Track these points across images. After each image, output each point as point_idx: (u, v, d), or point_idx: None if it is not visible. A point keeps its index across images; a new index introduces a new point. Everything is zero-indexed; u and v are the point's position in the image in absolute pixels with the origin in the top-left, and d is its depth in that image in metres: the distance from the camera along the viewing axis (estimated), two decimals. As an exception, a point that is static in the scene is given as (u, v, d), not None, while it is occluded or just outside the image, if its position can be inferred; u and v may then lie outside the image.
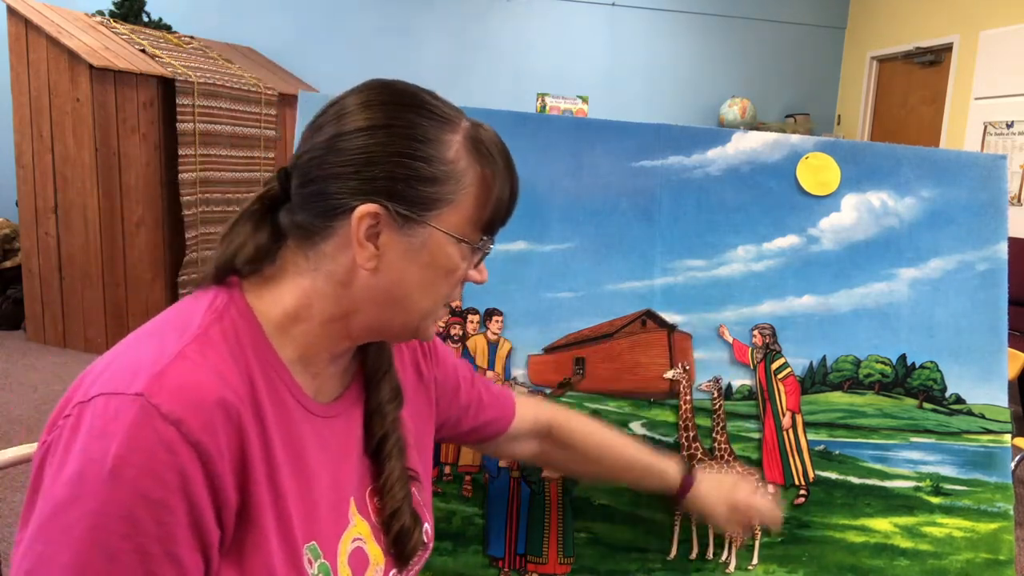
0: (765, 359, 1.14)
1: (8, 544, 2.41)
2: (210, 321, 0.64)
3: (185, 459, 0.55)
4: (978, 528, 1.14)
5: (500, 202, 0.70)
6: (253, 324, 0.66)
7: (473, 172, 0.68)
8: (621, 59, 6.57)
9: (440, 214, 0.67)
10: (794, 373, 1.14)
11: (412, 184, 0.65)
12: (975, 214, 1.18)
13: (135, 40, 4.60)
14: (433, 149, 0.66)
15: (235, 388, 0.61)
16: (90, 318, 4.32)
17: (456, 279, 0.71)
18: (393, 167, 0.65)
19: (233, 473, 0.59)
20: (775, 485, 1.13)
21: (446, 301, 0.72)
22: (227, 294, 0.67)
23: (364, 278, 0.67)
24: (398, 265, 0.67)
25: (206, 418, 0.57)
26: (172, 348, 0.60)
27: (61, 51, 4.08)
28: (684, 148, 1.17)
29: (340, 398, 0.75)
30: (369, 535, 0.74)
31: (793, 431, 1.13)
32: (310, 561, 0.66)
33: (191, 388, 0.57)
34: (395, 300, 0.68)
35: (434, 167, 0.66)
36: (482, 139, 0.69)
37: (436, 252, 0.67)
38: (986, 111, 5.21)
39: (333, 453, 0.72)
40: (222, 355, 0.62)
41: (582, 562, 1.11)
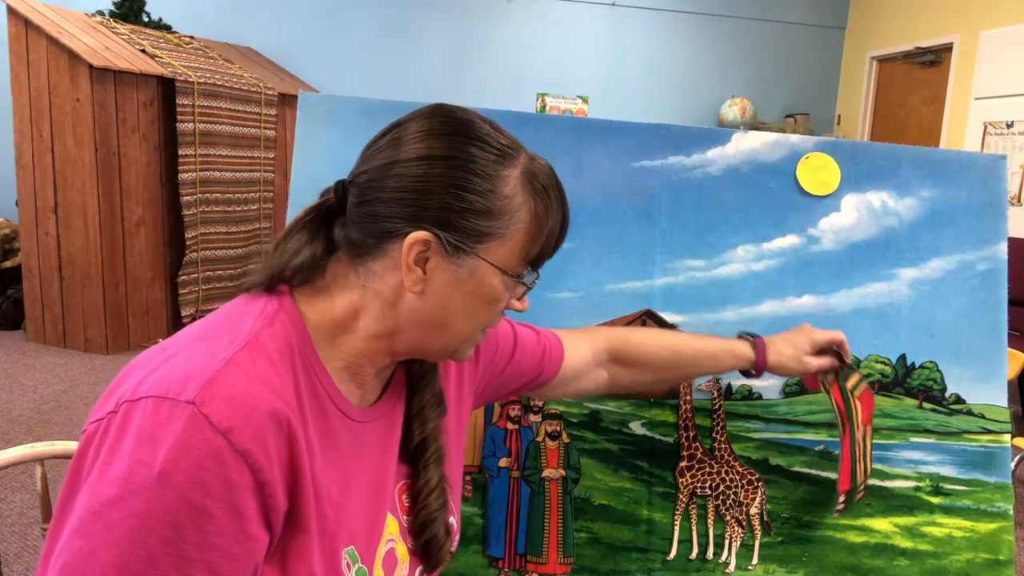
0: (837, 378, 1.09)
1: (8, 544, 2.41)
2: (260, 327, 0.65)
3: (232, 469, 0.56)
4: (978, 528, 1.14)
5: (550, 238, 0.72)
6: (302, 332, 0.67)
7: (527, 208, 0.69)
8: (621, 59, 6.57)
9: (490, 246, 0.68)
10: (868, 385, 1.12)
11: (465, 216, 0.67)
12: (975, 214, 1.18)
13: (135, 40, 4.60)
14: (489, 184, 0.67)
15: (284, 396, 0.62)
16: (90, 318, 4.32)
17: (498, 308, 0.73)
18: (449, 198, 0.66)
19: (283, 479, 0.60)
20: (845, 493, 1.11)
21: (485, 327, 0.74)
22: (277, 301, 0.68)
23: (410, 300, 0.69)
24: (443, 291, 0.68)
25: (256, 428, 0.58)
26: (223, 355, 0.60)
27: (61, 51, 4.08)
28: (684, 148, 1.17)
29: (378, 402, 0.76)
30: (398, 534, 0.75)
31: (863, 441, 1.11)
32: (348, 565, 0.67)
33: (241, 398, 0.58)
34: (437, 324, 0.70)
35: (488, 201, 0.67)
36: (537, 174, 0.71)
37: (481, 282, 0.69)
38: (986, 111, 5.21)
39: (372, 457, 0.73)
40: (272, 363, 0.63)
41: (582, 562, 1.12)
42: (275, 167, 5.20)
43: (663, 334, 1.06)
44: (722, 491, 1.13)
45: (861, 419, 1.11)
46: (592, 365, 1.01)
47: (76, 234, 4.25)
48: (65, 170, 4.21)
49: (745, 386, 1.15)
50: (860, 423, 1.11)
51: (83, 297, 4.30)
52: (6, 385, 3.77)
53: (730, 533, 1.13)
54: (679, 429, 1.14)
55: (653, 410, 1.15)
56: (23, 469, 2.76)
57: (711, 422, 1.14)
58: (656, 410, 1.15)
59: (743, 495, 1.13)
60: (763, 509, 1.13)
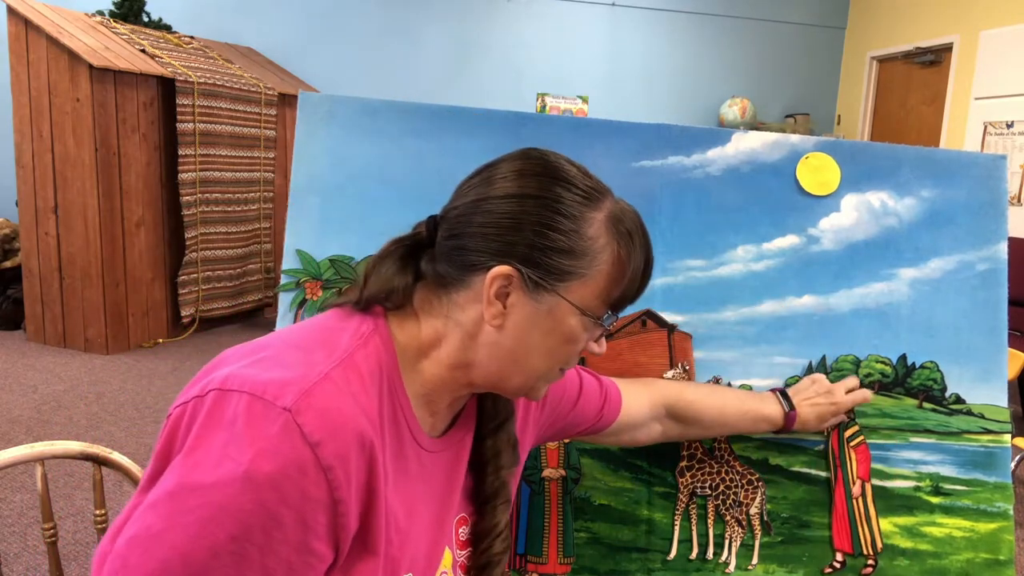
0: (839, 425, 1.14)
1: (8, 544, 2.41)
2: (356, 347, 0.66)
3: (312, 481, 0.57)
4: (978, 528, 1.14)
5: (632, 282, 0.72)
6: (392, 355, 0.69)
7: (610, 251, 0.70)
8: (621, 59, 6.57)
9: (570, 286, 0.69)
10: (867, 441, 1.14)
11: (548, 254, 0.68)
12: (975, 214, 1.18)
13: (135, 40, 4.60)
14: (574, 224, 0.69)
15: (371, 419, 0.63)
16: (90, 318, 4.32)
17: (575, 348, 0.73)
18: (533, 236, 0.68)
19: (358, 501, 0.61)
20: (843, 553, 1.13)
21: (562, 367, 0.74)
22: (373, 322, 0.70)
23: (489, 333, 0.70)
24: (522, 326, 0.69)
25: (342, 446, 0.59)
26: (320, 368, 0.61)
27: (61, 51, 4.08)
28: (684, 148, 1.17)
29: (447, 434, 0.77)
30: (451, 567, 0.76)
31: (862, 499, 1.13)
32: None
33: (333, 414, 0.59)
34: (514, 359, 0.71)
35: (572, 241, 0.68)
36: (623, 219, 0.71)
37: (560, 320, 0.70)
38: (986, 111, 5.21)
39: (436, 487, 0.74)
40: (363, 383, 0.64)
41: (582, 562, 1.12)
42: (275, 167, 5.20)
43: (713, 392, 1.09)
44: (722, 491, 1.13)
45: (857, 472, 1.13)
46: (649, 418, 1.04)
47: (76, 234, 4.25)
48: (65, 170, 4.21)
49: (745, 386, 1.15)
50: (855, 476, 1.13)
51: (83, 297, 4.30)
52: (6, 385, 3.77)
53: (730, 533, 1.13)
54: (679, 429, 1.14)
55: (653, 410, 1.15)
56: (23, 469, 2.76)
57: (711, 422, 1.14)
58: (656, 410, 1.15)
59: (743, 495, 1.13)
60: (763, 509, 1.13)
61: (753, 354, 1.15)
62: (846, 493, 1.13)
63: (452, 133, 1.13)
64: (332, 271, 1.11)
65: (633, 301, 0.75)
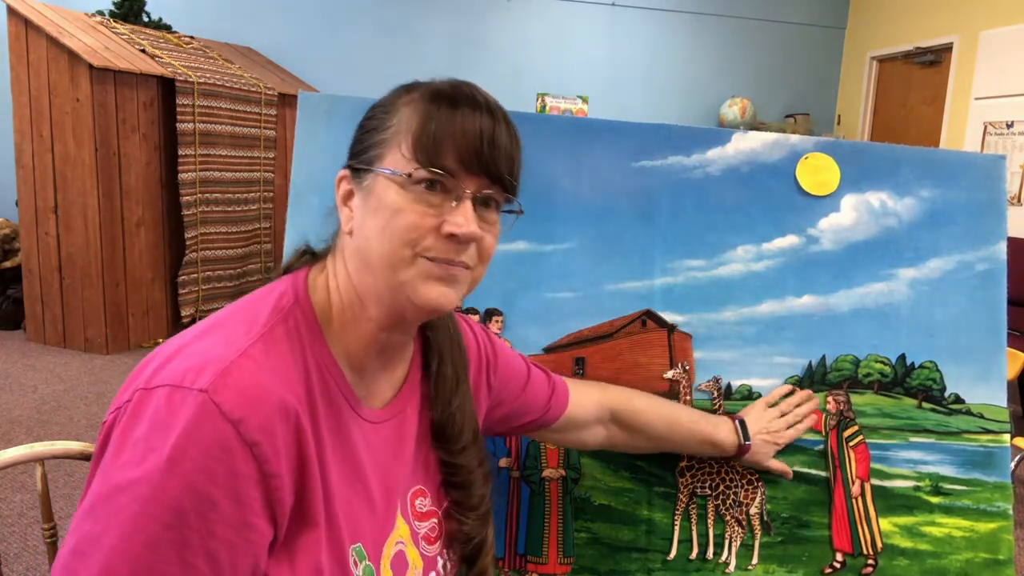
0: (838, 426, 1.14)
1: (8, 544, 2.41)
2: (276, 321, 0.65)
3: (240, 459, 0.57)
4: (977, 528, 1.14)
5: (430, 127, 0.66)
6: (313, 323, 0.68)
7: (407, 112, 0.68)
8: (621, 59, 6.57)
9: (382, 158, 0.68)
10: (866, 441, 1.14)
11: (361, 139, 0.70)
12: (974, 214, 1.18)
13: (135, 40, 4.60)
14: (383, 105, 0.70)
15: (295, 391, 0.62)
16: (90, 318, 4.32)
17: (410, 222, 0.65)
18: (358, 131, 0.72)
19: (291, 473, 0.61)
20: (843, 553, 1.13)
21: (411, 248, 0.66)
22: (293, 293, 0.69)
23: (349, 245, 0.69)
24: (361, 220, 0.68)
25: (265, 419, 0.58)
26: (238, 346, 0.61)
27: (61, 51, 4.08)
28: (684, 148, 1.17)
29: (390, 404, 0.76)
30: (408, 538, 0.75)
31: (862, 499, 1.13)
32: (355, 562, 0.67)
33: (253, 389, 0.59)
34: (365, 256, 0.67)
35: (377, 119, 0.70)
36: (429, 87, 0.70)
37: (381, 195, 0.67)
38: (986, 111, 5.21)
39: (382, 457, 0.73)
40: (284, 356, 0.63)
41: (582, 562, 1.12)
42: (275, 167, 5.20)
43: (663, 405, 1.08)
44: (722, 491, 1.13)
45: (855, 472, 1.13)
46: (595, 420, 1.03)
47: (76, 234, 4.25)
48: (65, 170, 4.21)
49: (745, 386, 1.15)
50: (855, 476, 1.13)
51: (83, 297, 4.30)
52: (6, 385, 3.77)
53: (730, 533, 1.13)
54: (679, 429, 1.14)
55: (653, 410, 1.15)
56: (23, 469, 2.76)
57: (711, 422, 1.14)
58: (656, 410, 1.15)
59: (743, 495, 1.13)
60: (763, 509, 1.13)
61: (753, 354, 1.15)
62: (846, 493, 1.13)
63: (452, 133, 1.13)
64: None
65: (474, 168, 0.67)
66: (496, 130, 0.68)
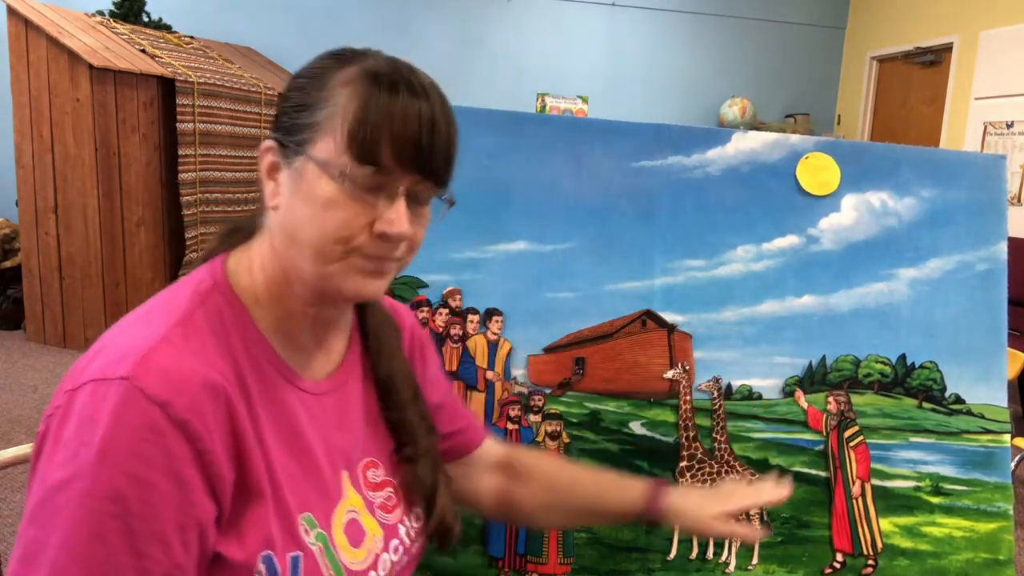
0: (839, 426, 1.14)
1: (8, 545, 2.41)
2: (195, 305, 0.65)
3: (171, 439, 0.57)
4: (978, 528, 1.14)
5: (368, 120, 0.63)
6: (235, 303, 0.68)
7: (346, 93, 0.64)
8: (621, 59, 6.56)
9: (315, 143, 0.64)
10: (866, 441, 1.14)
11: (290, 114, 0.66)
12: (975, 214, 1.18)
13: (135, 40, 4.60)
14: (315, 81, 0.66)
15: (220, 369, 0.62)
16: (90, 318, 4.32)
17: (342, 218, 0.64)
18: (286, 103, 0.67)
19: (226, 449, 0.60)
20: (843, 553, 1.13)
21: (343, 244, 0.65)
22: (211, 277, 0.69)
23: (275, 220, 0.68)
24: (288, 201, 0.66)
25: (192, 398, 0.58)
26: (157, 332, 0.61)
27: (61, 51, 4.08)
28: (684, 148, 1.17)
29: (332, 375, 0.75)
30: (363, 507, 0.74)
31: (862, 499, 1.13)
32: (306, 531, 0.67)
33: (175, 372, 0.59)
34: (292, 237, 0.66)
35: (309, 94, 0.65)
36: (375, 65, 0.66)
37: (312, 183, 0.64)
38: (986, 111, 5.21)
39: (325, 427, 0.73)
40: (205, 339, 0.63)
41: (582, 562, 1.11)
42: (275, 167, 5.20)
43: (572, 465, 0.98)
44: (722, 491, 1.13)
45: (856, 472, 1.13)
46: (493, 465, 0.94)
47: (76, 234, 4.24)
48: (65, 170, 4.21)
49: (745, 386, 1.15)
50: (855, 476, 1.13)
51: (83, 297, 4.30)
52: (6, 385, 3.77)
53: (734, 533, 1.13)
54: (679, 429, 1.14)
55: (653, 410, 1.15)
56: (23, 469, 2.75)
57: (711, 422, 1.14)
58: (656, 410, 1.15)
59: (743, 495, 1.13)
60: (763, 509, 1.13)
61: (753, 354, 1.15)
62: (846, 493, 1.13)
63: (452, 133, 1.13)
64: None
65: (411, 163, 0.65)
66: (436, 120, 0.66)
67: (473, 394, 1.14)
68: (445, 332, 1.14)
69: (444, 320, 1.14)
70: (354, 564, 0.70)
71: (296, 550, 0.65)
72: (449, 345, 1.14)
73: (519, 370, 1.14)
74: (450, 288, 1.14)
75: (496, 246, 1.14)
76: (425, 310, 1.13)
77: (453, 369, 1.14)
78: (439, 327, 1.14)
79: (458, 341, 1.14)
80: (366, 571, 0.71)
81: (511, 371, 1.14)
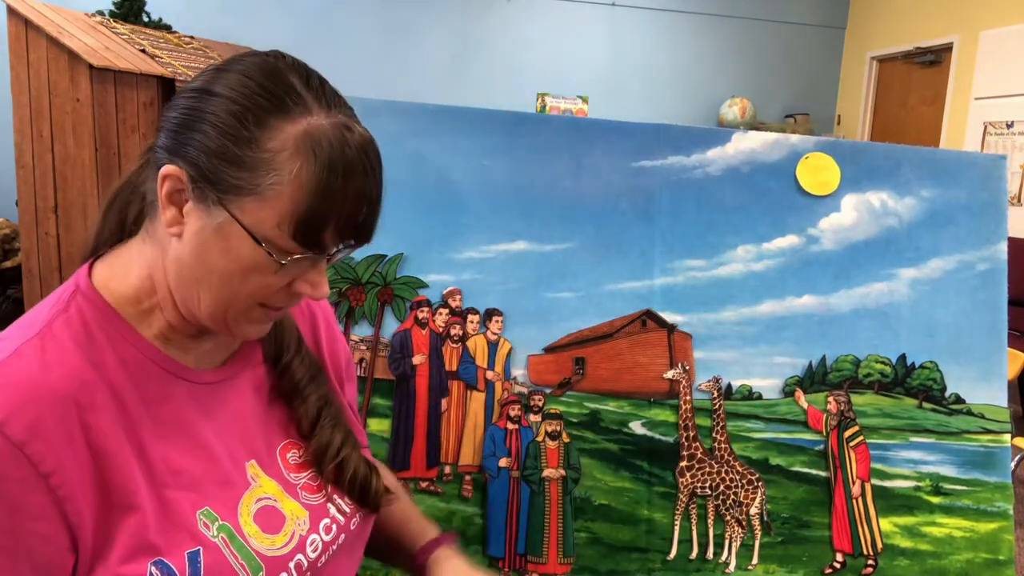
0: (839, 426, 1.14)
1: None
2: (55, 314, 0.63)
3: (8, 462, 0.54)
4: (978, 528, 1.14)
5: (319, 210, 0.60)
6: (102, 307, 0.64)
7: (292, 168, 0.59)
8: (621, 59, 6.56)
9: (244, 204, 0.59)
10: (866, 441, 1.14)
11: (216, 161, 0.59)
12: (975, 214, 1.18)
13: (135, 40, 4.60)
14: (251, 131, 0.59)
15: (82, 377, 0.60)
16: (90, 318, 4.31)
17: (263, 283, 0.63)
18: (205, 137, 0.59)
19: (79, 466, 0.58)
20: (843, 553, 1.13)
21: (254, 301, 0.64)
22: (74, 283, 0.67)
23: (174, 246, 0.62)
24: (198, 241, 0.61)
25: (33, 417, 0.56)
26: (9, 347, 0.59)
27: (61, 51, 4.08)
28: (684, 148, 1.17)
29: (228, 362, 0.73)
30: (280, 492, 0.72)
31: (862, 499, 1.13)
32: (206, 525, 0.65)
33: (19, 386, 0.57)
34: (196, 278, 0.63)
35: (244, 149, 0.59)
36: (322, 138, 0.60)
37: (234, 243, 0.60)
38: (986, 111, 5.21)
39: (223, 417, 0.70)
40: (63, 347, 0.61)
41: (582, 562, 1.11)
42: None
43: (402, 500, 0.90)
44: (722, 491, 1.13)
45: (856, 472, 1.13)
46: None
47: (76, 234, 4.24)
48: (65, 170, 4.21)
49: (745, 386, 1.15)
50: (855, 476, 1.13)
51: (83, 297, 4.30)
52: (6, 385, 3.77)
53: (730, 533, 1.13)
54: (679, 429, 1.14)
55: (653, 410, 1.15)
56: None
57: (711, 422, 1.14)
58: (656, 410, 1.15)
59: (743, 495, 1.13)
60: (763, 509, 1.13)
61: (753, 354, 1.15)
62: (846, 493, 1.13)
63: (452, 133, 1.13)
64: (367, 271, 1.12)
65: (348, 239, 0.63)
66: (376, 195, 0.64)
67: (473, 394, 1.14)
68: (445, 332, 1.14)
69: (444, 320, 1.14)
70: (271, 550, 0.68)
71: (195, 546, 0.63)
72: (449, 345, 1.14)
73: (519, 370, 1.14)
74: (450, 288, 1.14)
75: (496, 246, 1.14)
76: (425, 310, 1.13)
77: (453, 369, 1.14)
78: (439, 327, 1.14)
79: (458, 341, 1.14)
80: (290, 555, 0.69)
81: (511, 371, 1.14)
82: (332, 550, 0.74)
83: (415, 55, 6.30)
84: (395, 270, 1.13)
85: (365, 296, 1.13)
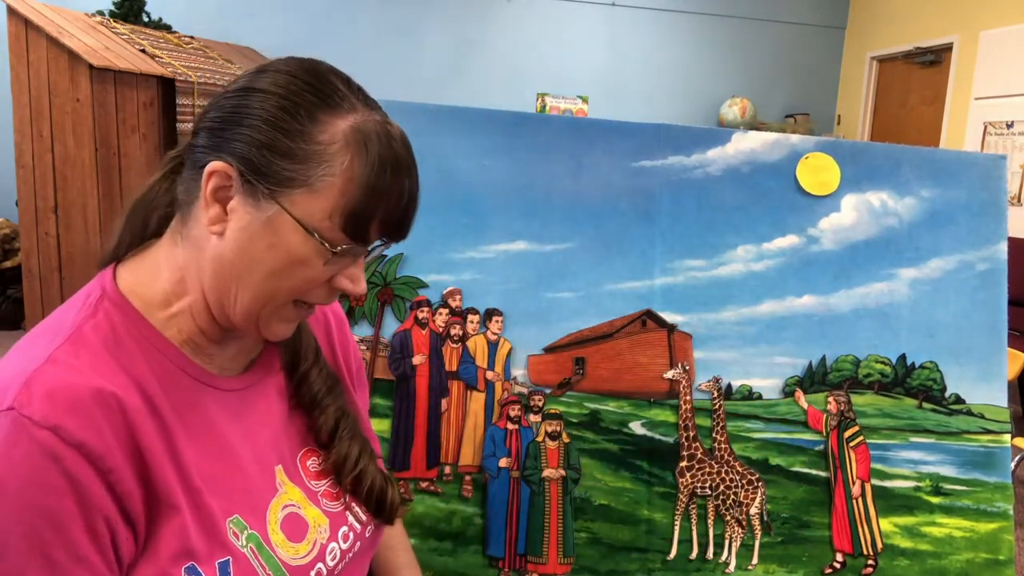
0: (839, 426, 1.14)
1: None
2: (83, 319, 0.63)
3: (70, 462, 0.55)
4: (978, 528, 1.14)
5: (368, 203, 0.62)
6: (130, 313, 0.64)
7: (343, 161, 0.61)
8: (621, 59, 6.56)
9: (294, 196, 0.61)
10: (866, 441, 1.14)
11: (266, 154, 0.60)
12: (975, 214, 1.18)
13: (135, 40, 4.60)
14: (303, 124, 0.61)
15: (116, 381, 0.60)
16: (90, 318, 4.31)
17: (308, 275, 0.64)
18: (254, 131, 0.61)
19: (129, 464, 0.58)
20: (843, 553, 1.13)
21: (294, 297, 0.65)
22: (100, 288, 0.66)
23: (213, 244, 0.63)
24: (243, 236, 0.62)
25: (84, 417, 0.56)
26: (42, 354, 0.59)
27: (61, 51, 4.08)
28: (684, 148, 1.17)
29: (250, 369, 0.73)
30: (303, 499, 0.73)
31: (862, 499, 1.13)
32: (236, 534, 0.65)
33: (63, 392, 0.56)
34: (237, 275, 0.63)
35: (296, 142, 0.60)
36: (371, 133, 0.62)
37: (282, 235, 0.61)
38: (986, 111, 5.21)
39: (250, 423, 0.71)
40: (96, 352, 0.61)
41: (582, 562, 1.11)
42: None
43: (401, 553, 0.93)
44: (722, 491, 1.13)
45: (856, 472, 1.13)
46: None
47: (76, 234, 4.24)
48: (65, 170, 4.21)
49: (745, 386, 1.15)
50: (855, 476, 1.13)
51: (83, 297, 4.30)
52: (6, 385, 3.77)
53: (730, 533, 1.13)
54: (679, 429, 1.14)
55: (653, 410, 1.15)
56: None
57: (711, 422, 1.14)
58: (656, 410, 1.15)
59: (743, 495, 1.13)
60: (763, 509, 1.13)
61: (753, 354, 1.15)
62: (846, 493, 1.13)
63: (452, 133, 1.13)
64: None
65: (384, 233, 0.65)
66: (416, 189, 0.66)
67: (473, 394, 1.14)
68: (445, 332, 1.14)
69: (444, 320, 1.14)
70: (295, 559, 0.68)
71: (225, 555, 0.63)
72: (449, 345, 1.14)
73: (519, 370, 1.14)
74: (450, 288, 1.14)
75: (496, 246, 1.14)
76: (425, 310, 1.13)
77: (453, 369, 1.14)
78: (439, 327, 1.14)
79: (458, 341, 1.14)
80: (312, 563, 0.70)
81: (511, 371, 1.14)
82: (348, 558, 0.75)
83: (415, 55, 6.30)
84: (395, 270, 1.13)
85: (365, 296, 1.13)
